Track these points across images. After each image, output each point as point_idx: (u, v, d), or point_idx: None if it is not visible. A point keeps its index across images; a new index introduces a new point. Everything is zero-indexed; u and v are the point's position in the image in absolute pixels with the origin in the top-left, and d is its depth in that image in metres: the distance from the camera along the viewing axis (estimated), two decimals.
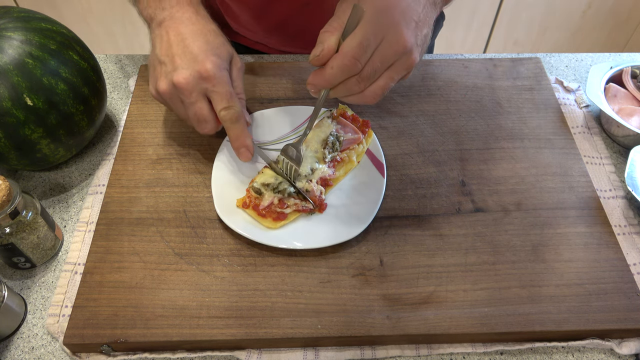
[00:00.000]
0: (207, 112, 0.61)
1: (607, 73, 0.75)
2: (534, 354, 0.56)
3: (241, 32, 0.90)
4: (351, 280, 0.58)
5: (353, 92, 0.54)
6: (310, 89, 0.55)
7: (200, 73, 0.59)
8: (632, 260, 0.61)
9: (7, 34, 0.60)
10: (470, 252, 0.60)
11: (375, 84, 0.54)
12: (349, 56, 0.51)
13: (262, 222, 0.60)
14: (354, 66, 0.51)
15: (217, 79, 0.60)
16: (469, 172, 0.67)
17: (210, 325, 0.54)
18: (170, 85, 0.60)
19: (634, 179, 0.64)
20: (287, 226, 0.61)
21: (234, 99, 0.61)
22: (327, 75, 0.53)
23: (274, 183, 0.61)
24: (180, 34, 0.62)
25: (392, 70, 0.54)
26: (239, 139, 0.62)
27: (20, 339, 0.57)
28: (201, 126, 0.62)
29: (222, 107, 0.60)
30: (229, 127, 0.62)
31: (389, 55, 0.52)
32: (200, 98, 0.60)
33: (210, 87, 0.60)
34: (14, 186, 0.56)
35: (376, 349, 0.56)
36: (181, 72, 0.59)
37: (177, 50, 0.61)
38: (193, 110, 0.61)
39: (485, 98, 0.75)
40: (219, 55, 0.62)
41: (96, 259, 0.59)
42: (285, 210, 0.60)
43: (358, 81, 0.53)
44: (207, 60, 0.60)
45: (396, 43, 0.52)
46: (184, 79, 0.59)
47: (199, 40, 0.61)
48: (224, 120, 0.61)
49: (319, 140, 0.65)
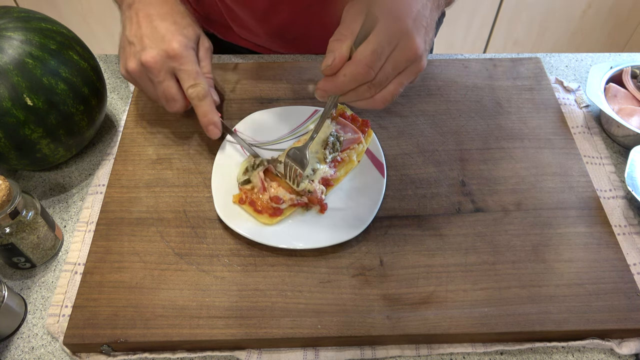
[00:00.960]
0: (175, 90, 0.63)
1: (607, 73, 0.75)
2: (534, 354, 0.56)
3: (244, 35, 0.90)
4: (351, 280, 0.58)
5: (363, 97, 0.54)
6: (319, 94, 0.55)
7: (167, 52, 0.62)
8: (632, 260, 0.61)
9: (7, 34, 0.60)
10: (470, 252, 0.60)
11: (386, 89, 0.54)
12: (362, 64, 0.51)
13: (258, 218, 0.60)
14: (368, 74, 0.51)
15: (183, 58, 0.62)
16: (469, 172, 0.67)
17: (210, 325, 0.54)
18: (139, 65, 0.62)
19: (634, 179, 0.64)
20: (287, 226, 0.61)
21: (201, 76, 0.63)
22: (339, 82, 0.52)
23: (249, 164, 0.63)
24: (149, 15, 0.64)
25: (402, 76, 0.54)
26: (206, 115, 0.64)
27: (20, 339, 0.57)
28: (170, 104, 0.64)
29: (189, 85, 0.62)
30: (196, 104, 0.63)
31: (401, 63, 0.52)
32: (168, 77, 0.63)
33: (177, 65, 0.62)
34: (14, 186, 0.56)
35: (376, 349, 0.56)
36: (149, 52, 0.62)
37: (145, 31, 0.63)
38: (161, 88, 0.63)
39: (485, 98, 0.75)
40: (186, 35, 0.64)
41: (96, 259, 0.59)
42: (281, 205, 0.60)
43: (369, 87, 0.53)
44: (173, 39, 0.62)
45: (408, 50, 0.52)
46: (152, 57, 0.61)
47: (167, 21, 0.64)
48: (191, 98, 0.63)
49: (319, 141, 0.65)
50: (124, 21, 0.67)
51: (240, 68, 0.79)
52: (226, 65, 0.79)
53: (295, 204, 0.61)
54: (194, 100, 0.63)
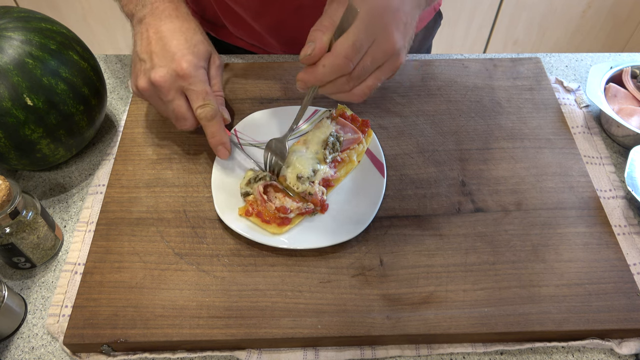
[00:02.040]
0: (185, 109, 0.63)
1: (607, 73, 0.75)
2: (534, 354, 0.56)
3: (239, 34, 0.90)
4: (351, 280, 0.58)
5: (341, 90, 0.55)
6: (299, 85, 0.55)
7: (176, 72, 0.61)
8: (632, 260, 0.61)
9: (7, 34, 0.60)
10: (470, 252, 0.60)
11: (364, 83, 0.55)
12: (341, 56, 0.51)
13: (267, 229, 0.60)
14: (346, 66, 0.52)
15: (192, 78, 0.62)
16: (469, 172, 0.67)
17: (210, 325, 0.54)
18: (148, 83, 0.62)
19: (634, 179, 0.64)
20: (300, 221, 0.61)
21: (210, 96, 0.63)
22: (318, 73, 0.53)
23: (252, 177, 0.63)
24: (159, 32, 0.63)
25: (380, 71, 0.54)
26: (215, 136, 0.63)
27: (20, 339, 0.57)
28: (180, 123, 0.64)
29: (198, 105, 0.62)
30: (205, 124, 0.63)
31: (379, 57, 0.53)
32: (177, 96, 0.62)
33: (187, 85, 0.62)
34: (14, 186, 0.56)
35: (376, 349, 0.56)
36: (158, 71, 0.61)
37: (155, 49, 0.62)
38: (171, 107, 0.62)
39: (485, 98, 0.75)
40: (196, 54, 0.63)
41: (96, 259, 0.59)
42: (289, 215, 0.60)
43: (347, 80, 0.54)
44: (183, 59, 0.62)
45: (386, 44, 0.52)
46: (161, 77, 0.61)
47: (177, 39, 0.63)
48: (200, 118, 0.62)
49: (318, 141, 0.65)
50: (134, 36, 0.66)
51: (240, 68, 0.79)
52: (225, 66, 0.79)
53: (302, 212, 0.61)
54: (202, 121, 0.62)
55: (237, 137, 0.69)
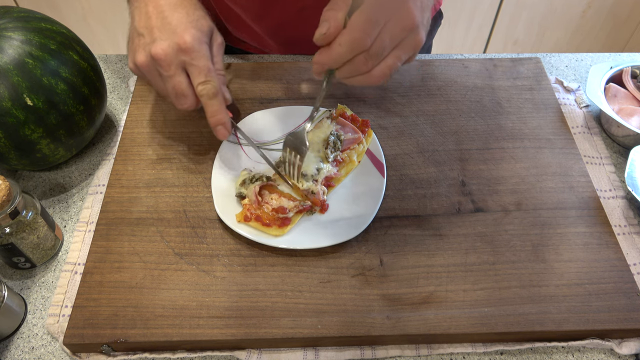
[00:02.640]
0: (186, 86, 0.60)
1: (607, 73, 0.75)
2: (534, 354, 0.56)
3: (239, 35, 0.90)
4: (351, 280, 0.58)
5: (360, 71, 0.52)
6: (315, 69, 0.53)
7: (179, 45, 0.58)
8: (632, 260, 0.61)
9: (7, 34, 0.60)
10: (470, 252, 0.60)
11: (383, 62, 0.52)
12: (358, 30, 0.49)
13: (268, 232, 0.59)
14: (364, 41, 0.49)
15: (195, 52, 0.59)
16: (469, 172, 0.67)
17: (210, 325, 0.54)
18: (148, 57, 0.59)
19: (634, 179, 0.64)
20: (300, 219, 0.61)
21: (212, 73, 0.60)
22: (334, 52, 0.50)
23: (248, 177, 0.62)
24: (159, 6, 0.61)
25: (400, 49, 0.52)
26: (215, 115, 0.61)
27: (20, 339, 0.57)
28: (180, 101, 0.61)
29: (200, 82, 0.59)
30: (205, 102, 0.60)
31: (397, 32, 0.51)
32: (178, 71, 0.59)
33: (189, 59, 0.59)
34: (14, 186, 0.56)
35: (376, 349, 0.56)
36: (159, 44, 0.58)
37: (155, 23, 0.60)
38: (171, 83, 0.60)
39: (485, 98, 0.75)
40: (199, 29, 0.60)
41: (96, 259, 0.59)
42: (288, 214, 0.60)
43: (366, 59, 0.51)
44: (186, 32, 0.59)
45: (405, 19, 0.50)
46: (162, 50, 0.58)
47: (179, 13, 0.60)
48: (201, 95, 0.60)
49: (319, 141, 0.65)
50: (132, 12, 0.63)
51: (240, 68, 0.79)
52: (226, 65, 0.79)
53: (300, 209, 0.60)
54: (203, 98, 0.60)
55: (237, 137, 0.69)
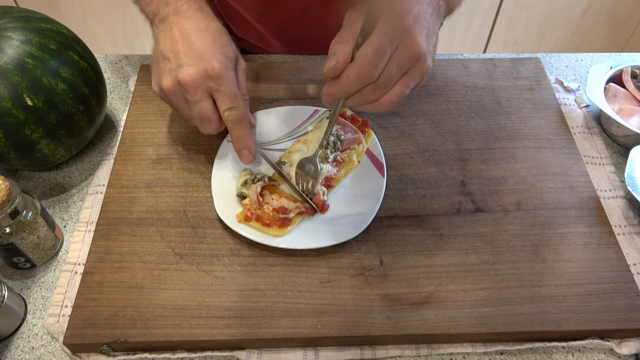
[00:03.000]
0: (211, 111, 0.60)
1: (607, 73, 0.75)
2: (534, 354, 0.56)
3: (244, 36, 0.90)
4: (351, 280, 0.58)
5: (369, 100, 0.53)
6: (325, 100, 0.54)
7: (207, 71, 0.58)
8: (632, 260, 0.61)
9: (7, 34, 0.60)
10: (470, 252, 0.60)
11: (391, 91, 0.53)
12: (365, 64, 0.50)
13: (268, 232, 0.59)
14: (371, 74, 0.50)
15: (223, 79, 0.59)
16: (469, 172, 0.67)
17: (210, 325, 0.54)
18: (175, 83, 0.59)
19: (634, 179, 0.64)
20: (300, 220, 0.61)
21: (239, 99, 0.60)
22: (343, 84, 0.51)
23: (249, 178, 0.62)
24: (185, 30, 0.61)
25: (407, 77, 0.53)
26: (241, 140, 0.62)
27: (20, 339, 0.57)
28: (204, 125, 0.61)
29: (227, 108, 0.60)
30: (232, 128, 0.61)
31: (405, 62, 0.51)
32: (204, 97, 0.59)
33: (216, 86, 0.59)
34: (14, 186, 0.56)
35: (376, 349, 0.56)
36: (187, 69, 0.58)
37: (182, 47, 0.60)
38: (197, 109, 0.60)
39: (485, 98, 0.75)
40: (226, 55, 0.61)
41: (96, 259, 0.59)
42: (289, 215, 0.60)
43: (374, 89, 0.52)
44: (214, 58, 0.59)
45: (411, 48, 0.51)
46: (190, 76, 0.58)
47: (206, 38, 0.60)
48: (228, 121, 0.60)
49: (319, 141, 0.65)
50: (157, 35, 0.63)
51: None
52: None
53: (302, 211, 0.60)
54: (230, 124, 0.60)
55: None
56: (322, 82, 0.77)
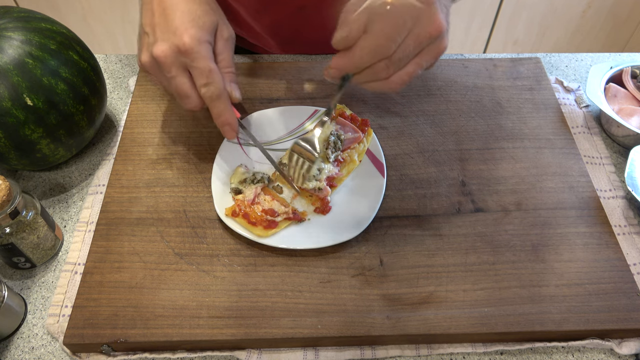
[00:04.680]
0: (188, 87, 0.59)
1: (607, 73, 0.75)
2: (534, 354, 0.56)
3: (240, 33, 0.90)
4: (351, 280, 0.58)
5: (379, 77, 0.50)
6: (333, 73, 0.50)
7: (178, 47, 0.57)
8: (632, 260, 0.61)
9: (7, 34, 0.60)
10: (470, 252, 0.60)
11: (404, 69, 0.49)
12: (382, 36, 0.46)
13: (253, 231, 0.59)
14: (388, 47, 0.46)
15: (195, 54, 0.57)
16: (469, 172, 0.67)
17: (210, 325, 0.54)
18: (150, 58, 0.59)
19: (634, 179, 0.64)
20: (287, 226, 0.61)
21: (215, 74, 0.58)
22: (355, 57, 0.47)
23: (249, 177, 0.62)
24: (163, 2, 0.60)
25: (422, 56, 0.49)
26: (221, 116, 0.60)
27: (20, 339, 0.57)
28: (184, 102, 0.60)
29: (202, 84, 0.58)
30: (209, 104, 0.60)
31: (424, 38, 0.48)
32: (180, 72, 0.58)
33: (189, 61, 0.58)
34: (14, 186, 0.56)
35: (376, 349, 0.56)
36: (160, 45, 0.58)
37: (158, 21, 0.59)
38: (174, 84, 0.59)
39: (485, 98, 0.75)
40: (201, 27, 0.59)
41: (96, 259, 0.59)
42: (276, 218, 0.60)
43: (387, 65, 0.48)
44: (185, 33, 0.57)
45: (431, 25, 0.47)
46: (162, 52, 0.57)
47: (181, 10, 0.59)
48: (205, 98, 0.59)
49: (319, 141, 0.64)
50: (141, 9, 0.63)
51: (240, 68, 0.79)
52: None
53: (289, 217, 0.60)
54: (207, 100, 0.59)
55: (237, 137, 0.69)
56: (322, 82, 0.77)
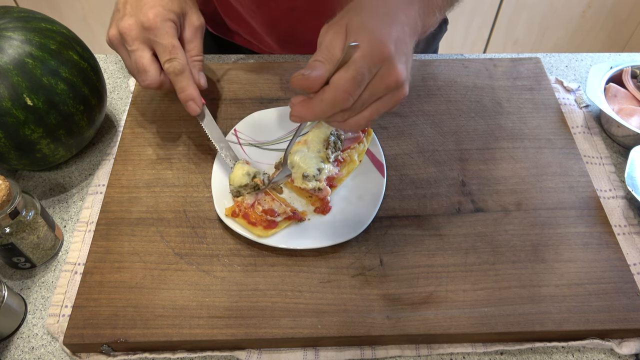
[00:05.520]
0: (147, 61, 0.61)
1: (607, 73, 0.75)
2: (534, 354, 0.56)
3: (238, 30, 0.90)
4: (351, 280, 0.58)
5: (336, 120, 0.51)
6: (293, 120, 0.51)
7: (142, 22, 0.60)
8: (632, 260, 0.61)
9: (7, 34, 0.60)
10: (470, 252, 0.60)
11: (361, 114, 0.51)
12: (341, 90, 0.47)
13: (253, 231, 0.59)
14: (346, 101, 0.48)
15: (158, 29, 0.60)
16: (469, 172, 0.67)
17: (210, 325, 0.54)
18: (117, 32, 0.62)
19: (634, 179, 0.64)
20: (287, 226, 0.61)
21: (177, 50, 0.61)
22: (315, 108, 0.49)
23: (250, 183, 0.62)
24: None
25: (380, 103, 0.51)
26: (184, 91, 0.62)
27: (20, 339, 0.57)
28: (141, 77, 0.62)
29: (165, 59, 0.61)
30: (173, 79, 0.62)
31: (380, 90, 0.49)
32: (142, 47, 0.61)
33: (153, 37, 0.61)
34: (14, 186, 0.56)
35: (376, 349, 0.56)
36: (126, 20, 0.61)
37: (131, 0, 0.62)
38: (134, 58, 0.61)
39: (485, 98, 0.75)
40: (166, 6, 0.62)
41: (96, 259, 0.59)
42: (276, 218, 0.60)
43: (343, 113, 0.50)
44: (150, 10, 0.61)
45: (389, 77, 0.49)
46: (128, 26, 0.61)
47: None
48: (168, 73, 0.61)
49: (319, 141, 0.64)
50: None
51: (240, 67, 0.79)
52: (226, 65, 0.79)
53: (289, 217, 0.60)
54: (170, 76, 0.61)
55: (237, 137, 0.69)
56: None
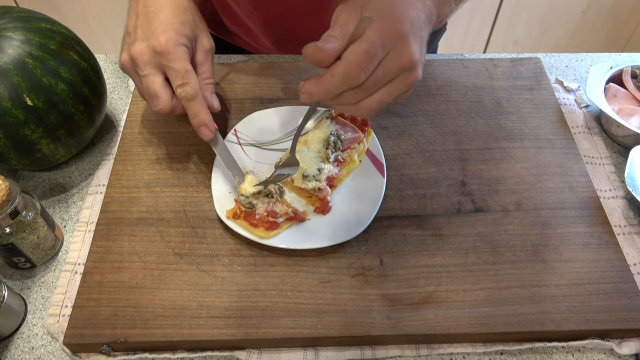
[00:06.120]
0: (158, 86, 0.60)
1: (607, 73, 0.75)
2: (534, 354, 0.56)
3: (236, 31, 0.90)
4: (351, 280, 0.58)
5: (347, 102, 0.49)
6: (304, 98, 0.49)
7: (154, 47, 0.60)
8: (632, 260, 0.61)
9: (7, 34, 0.60)
10: (470, 252, 0.60)
11: (372, 97, 0.49)
12: (353, 64, 0.46)
13: (254, 232, 0.59)
14: (358, 76, 0.46)
15: (171, 54, 0.60)
16: (469, 172, 0.67)
17: (210, 325, 0.54)
18: (128, 57, 0.61)
19: (634, 179, 0.64)
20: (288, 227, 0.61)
21: (190, 74, 0.60)
22: (326, 84, 0.47)
23: (263, 190, 0.61)
24: (148, 6, 0.62)
25: (393, 85, 0.49)
26: (197, 116, 0.61)
27: (20, 339, 0.57)
28: (153, 102, 0.61)
29: (178, 84, 0.60)
30: (185, 104, 0.61)
31: (394, 69, 0.48)
32: (153, 72, 0.60)
33: (165, 62, 0.60)
34: (14, 186, 0.56)
35: (376, 349, 0.56)
36: (138, 45, 0.60)
37: (141, 23, 0.62)
38: (145, 83, 0.61)
39: (485, 98, 0.75)
40: (178, 31, 0.61)
41: (96, 259, 0.59)
42: (278, 219, 0.60)
43: (355, 92, 0.48)
44: (162, 34, 0.60)
45: (403, 56, 0.47)
46: (140, 50, 0.60)
47: (164, 14, 0.62)
48: (180, 98, 0.60)
49: (319, 141, 0.64)
50: (128, 12, 0.65)
51: (240, 68, 0.79)
52: (226, 65, 0.79)
53: (291, 217, 0.60)
54: (182, 100, 0.60)
55: (237, 137, 0.69)
56: None
